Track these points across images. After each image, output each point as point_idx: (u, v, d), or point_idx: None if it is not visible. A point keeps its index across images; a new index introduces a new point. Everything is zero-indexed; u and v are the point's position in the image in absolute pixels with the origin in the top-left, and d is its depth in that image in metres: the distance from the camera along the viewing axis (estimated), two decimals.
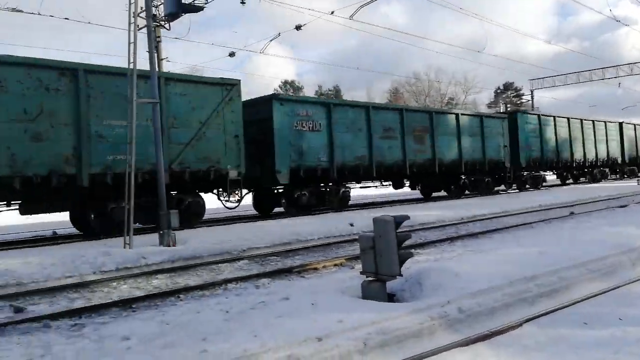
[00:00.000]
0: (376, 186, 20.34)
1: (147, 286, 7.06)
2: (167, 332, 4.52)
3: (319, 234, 11.21)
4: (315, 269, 7.58)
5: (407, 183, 21.46)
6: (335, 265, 7.82)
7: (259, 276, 7.21)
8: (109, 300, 6.11)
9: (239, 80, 13.97)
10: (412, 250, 5.87)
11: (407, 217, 5.43)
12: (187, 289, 6.57)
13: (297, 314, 4.78)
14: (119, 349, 4.14)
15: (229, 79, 13.91)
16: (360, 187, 20.14)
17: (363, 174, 17.17)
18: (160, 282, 7.27)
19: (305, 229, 11.51)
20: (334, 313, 4.72)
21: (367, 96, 60.99)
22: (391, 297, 5.54)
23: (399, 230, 5.34)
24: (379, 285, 5.40)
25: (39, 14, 12.14)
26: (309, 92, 62.21)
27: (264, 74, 71.80)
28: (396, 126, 17.91)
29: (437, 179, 21.01)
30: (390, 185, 20.72)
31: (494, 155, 22.25)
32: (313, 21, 18.92)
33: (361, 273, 5.65)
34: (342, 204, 17.04)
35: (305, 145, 15.04)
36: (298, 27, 19.20)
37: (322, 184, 16.45)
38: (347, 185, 17.48)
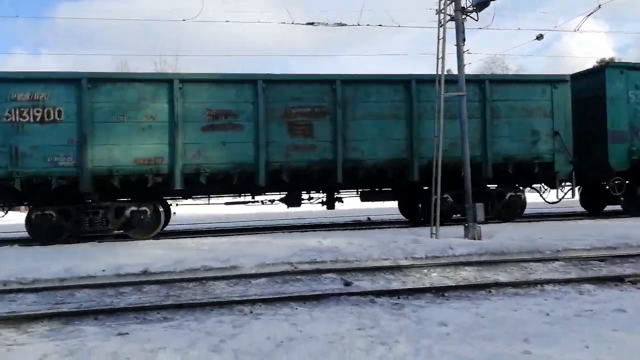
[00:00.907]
0: (273, 201, 12.78)
1: (455, 276, 7.15)
2: (483, 325, 4.47)
3: None
4: None
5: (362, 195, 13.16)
6: None
7: (580, 281, 6.44)
8: (422, 286, 6.42)
9: None
10: None
11: None
12: (498, 285, 6.36)
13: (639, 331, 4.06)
14: (438, 334, 4.29)
15: None
16: (243, 203, 12.89)
17: (156, 186, 11.24)
18: (468, 274, 7.27)
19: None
20: None
21: None
22: None
23: None
24: None
25: (358, 24, 13.52)
26: None
27: (575, 54, 63.90)
28: (244, 108, 11.35)
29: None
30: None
31: (517, 150, 12.66)
32: None
33: None
34: (141, 231, 11.53)
35: (25, 145, 10.58)
36: None
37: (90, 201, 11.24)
38: (162, 199, 11.79)
